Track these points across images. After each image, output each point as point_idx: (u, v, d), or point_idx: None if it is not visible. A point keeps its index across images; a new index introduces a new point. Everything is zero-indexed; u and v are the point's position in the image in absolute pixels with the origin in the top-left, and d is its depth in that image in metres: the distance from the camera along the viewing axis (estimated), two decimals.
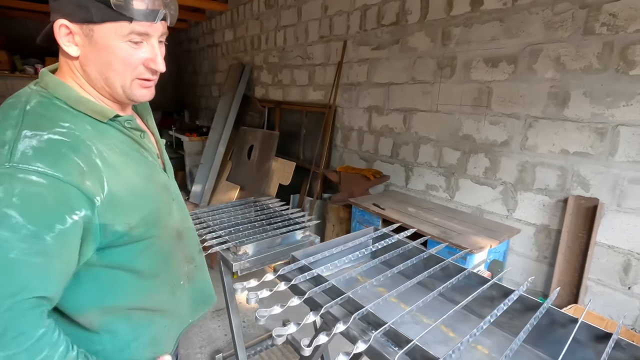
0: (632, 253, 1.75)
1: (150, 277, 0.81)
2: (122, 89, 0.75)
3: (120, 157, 0.73)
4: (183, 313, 0.94)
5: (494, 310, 0.90)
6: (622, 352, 0.82)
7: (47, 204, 0.60)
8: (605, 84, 1.75)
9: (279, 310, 0.86)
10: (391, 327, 0.83)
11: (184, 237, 0.91)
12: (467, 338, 0.79)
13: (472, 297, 0.96)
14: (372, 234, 1.38)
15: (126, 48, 0.70)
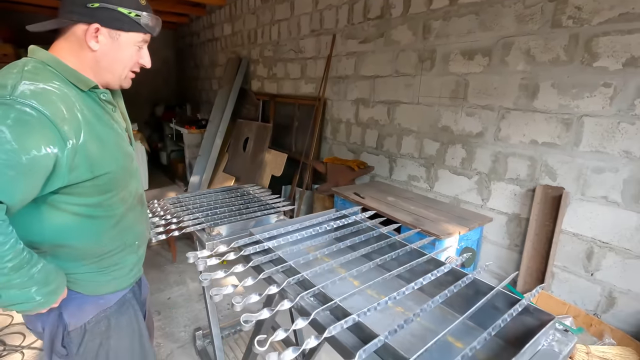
0: (595, 240, 1.81)
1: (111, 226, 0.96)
2: (119, 77, 0.97)
3: (95, 120, 0.90)
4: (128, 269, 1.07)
5: (420, 279, 0.98)
6: (530, 316, 0.89)
7: (32, 131, 0.75)
8: (572, 76, 1.79)
9: (222, 274, 0.96)
10: (320, 290, 0.92)
11: (145, 205, 1.04)
12: (386, 300, 0.88)
13: (405, 268, 1.04)
14: (332, 214, 1.46)
15: (133, 50, 0.96)
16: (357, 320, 0.80)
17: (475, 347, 0.75)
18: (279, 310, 0.83)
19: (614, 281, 1.76)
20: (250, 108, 4.78)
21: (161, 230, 1.63)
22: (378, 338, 0.73)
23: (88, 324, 0.97)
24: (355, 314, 0.81)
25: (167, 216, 1.80)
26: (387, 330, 0.76)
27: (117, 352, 1.02)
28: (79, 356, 0.97)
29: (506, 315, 0.83)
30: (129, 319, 1.06)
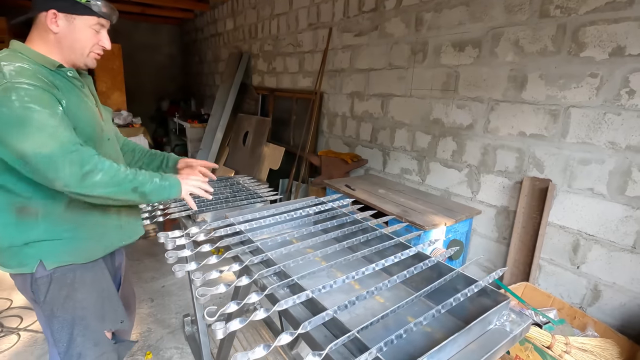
0: (581, 233, 1.79)
1: None
2: (82, 56, 1.10)
3: (68, 92, 1.04)
4: (112, 231, 1.16)
5: (382, 260, 0.99)
6: (487, 297, 0.90)
7: (45, 98, 0.93)
8: (559, 66, 1.77)
9: (189, 252, 0.99)
10: (281, 269, 0.94)
11: None
12: (343, 278, 0.89)
13: (371, 250, 1.06)
14: (310, 201, 1.48)
15: (91, 32, 1.08)
16: (310, 297, 0.82)
17: (421, 322, 0.76)
18: (238, 286, 0.85)
19: (600, 274, 1.75)
20: (251, 102, 4.81)
21: (146, 216, 1.67)
22: (326, 312, 0.75)
23: (54, 273, 1.06)
24: (309, 290, 0.83)
25: (155, 203, 1.84)
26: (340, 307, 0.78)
27: (83, 305, 1.11)
28: (47, 303, 1.07)
29: (459, 295, 0.85)
30: (95, 276, 1.14)
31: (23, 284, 1.08)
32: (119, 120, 5.01)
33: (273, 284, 0.92)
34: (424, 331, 0.93)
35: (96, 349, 1.12)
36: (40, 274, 1.05)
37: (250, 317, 0.72)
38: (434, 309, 0.79)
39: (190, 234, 1.12)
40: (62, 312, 1.08)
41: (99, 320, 1.15)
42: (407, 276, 0.94)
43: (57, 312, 1.08)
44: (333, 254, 1.17)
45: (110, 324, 1.18)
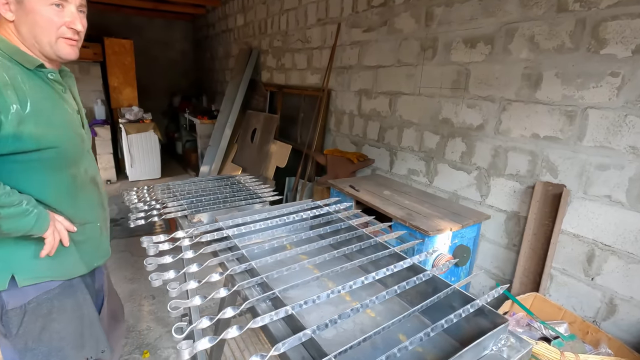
0: (596, 243, 1.68)
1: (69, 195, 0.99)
2: (49, 45, 0.94)
3: (43, 97, 0.92)
4: (95, 248, 1.09)
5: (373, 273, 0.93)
6: (485, 318, 0.83)
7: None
8: (577, 64, 1.66)
9: (169, 260, 0.94)
10: (264, 280, 0.88)
11: (100, 187, 1.05)
12: (328, 293, 0.83)
13: (362, 261, 0.99)
14: (305, 205, 1.42)
15: (49, 10, 0.91)
16: (290, 312, 0.76)
17: (406, 346, 0.69)
18: (214, 298, 0.80)
19: (616, 287, 1.64)
20: (260, 99, 4.78)
21: (142, 215, 1.64)
22: (303, 332, 0.70)
23: (28, 304, 0.96)
24: (289, 306, 0.77)
25: (152, 202, 1.82)
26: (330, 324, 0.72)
27: (61, 335, 1.01)
28: (19, 337, 0.96)
29: (452, 316, 0.78)
30: (75, 303, 1.05)
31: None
32: (130, 116, 5.06)
33: (256, 295, 0.87)
34: (415, 351, 0.86)
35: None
36: (12, 305, 0.94)
37: (221, 336, 0.67)
38: (422, 332, 0.72)
39: (175, 239, 1.08)
40: (37, 345, 0.99)
41: (78, 349, 1.05)
42: (398, 291, 0.87)
43: (32, 345, 0.98)
44: (326, 262, 1.11)
45: (91, 352, 1.08)
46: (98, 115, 5.10)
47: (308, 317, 0.96)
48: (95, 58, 5.07)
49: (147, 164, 5.23)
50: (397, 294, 0.90)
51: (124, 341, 2.06)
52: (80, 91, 4.45)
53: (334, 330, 0.92)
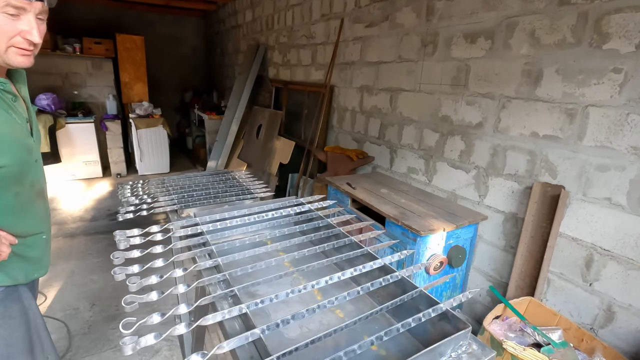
0: (595, 247, 1.61)
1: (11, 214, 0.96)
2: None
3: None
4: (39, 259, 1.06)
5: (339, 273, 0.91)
6: (449, 323, 0.80)
7: None
8: (578, 60, 1.58)
9: (137, 254, 0.95)
10: (226, 277, 0.88)
11: (46, 199, 1.06)
12: (287, 292, 0.82)
13: (340, 257, 0.97)
14: (287, 202, 1.41)
15: (1, 19, 0.82)
16: (244, 311, 0.75)
17: (354, 350, 0.67)
18: (172, 294, 0.80)
19: (614, 294, 1.56)
20: (266, 95, 4.78)
21: (132, 209, 1.66)
22: (251, 331, 0.68)
23: None
24: (245, 304, 0.76)
25: (144, 196, 1.84)
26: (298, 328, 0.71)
27: (8, 342, 0.98)
28: None
29: (410, 320, 0.75)
30: (22, 308, 1.03)
31: None
32: (140, 111, 5.15)
33: (219, 291, 0.86)
34: (379, 354, 0.84)
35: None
36: None
37: (167, 332, 0.66)
38: (374, 335, 0.70)
39: (148, 234, 1.08)
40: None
41: (27, 354, 1.03)
42: (361, 292, 0.85)
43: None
44: (302, 259, 1.10)
45: (38, 357, 1.06)
46: (110, 110, 5.21)
47: (275, 314, 0.96)
48: (107, 54, 5.17)
49: (156, 159, 5.32)
50: (360, 294, 0.88)
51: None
52: (93, 86, 4.53)
53: (298, 329, 0.91)
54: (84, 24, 6.08)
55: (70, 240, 3.32)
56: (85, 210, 3.98)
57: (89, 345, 2.08)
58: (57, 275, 2.74)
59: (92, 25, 6.05)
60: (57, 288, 2.59)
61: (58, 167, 4.69)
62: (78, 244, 3.25)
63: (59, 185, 4.71)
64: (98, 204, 4.17)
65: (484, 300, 2.16)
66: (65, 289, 2.60)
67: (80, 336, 2.15)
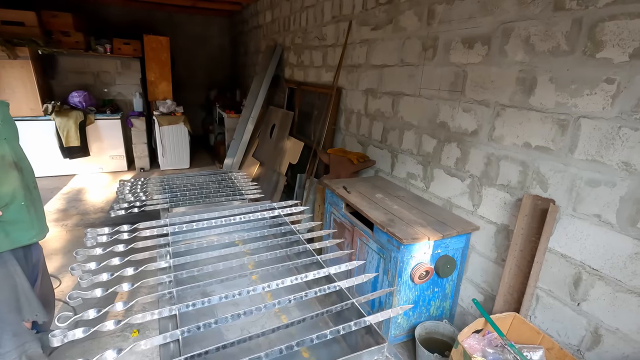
0: (584, 265, 1.53)
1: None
2: None
3: None
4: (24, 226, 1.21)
5: (278, 281, 0.94)
6: (372, 337, 0.81)
7: None
8: (572, 69, 1.51)
9: (99, 252, 1.02)
10: (172, 278, 0.93)
11: (24, 170, 1.21)
12: (221, 296, 0.86)
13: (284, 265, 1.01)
14: (260, 206, 1.45)
15: None
16: (173, 312, 0.80)
17: (260, 357, 0.71)
18: (115, 291, 0.86)
19: (602, 316, 1.48)
20: (281, 95, 4.86)
21: (125, 206, 1.77)
22: (171, 332, 0.73)
23: None
24: (175, 306, 0.82)
25: (140, 194, 1.95)
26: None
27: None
28: None
29: (327, 332, 0.77)
30: (6, 272, 1.19)
31: None
32: (163, 109, 5.39)
33: (162, 292, 0.92)
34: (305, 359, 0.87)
35: (15, 339, 1.19)
36: None
37: (95, 327, 0.72)
38: (282, 345, 0.73)
39: (119, 232, 1.16)
40: None
41: (16, 312, 1.20)
42: (292, 302, 0.87)
43: None
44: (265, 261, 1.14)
45: (27, 315, 1.24)
46: (136, 107, 5.50)
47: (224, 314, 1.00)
48: (135, 54, 5.45)
49: (177, 155, 5.55)
50: (292, 302, 0.90)
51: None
52: (122, 85, 4.82)
53: (239, 331, 0.95)
54: (117, 25, 6.44)
55: None
56: (107, 202, 4.24)
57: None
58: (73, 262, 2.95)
59: (124, 26, 6.39)
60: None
61: (87, 160, 5.03)
62: None
63: (88, 177, 5.04)
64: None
65: (476, 312, 2.10)
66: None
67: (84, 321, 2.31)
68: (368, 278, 0.98)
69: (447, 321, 2.05)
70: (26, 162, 1.30)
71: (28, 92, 4.45)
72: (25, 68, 4.39)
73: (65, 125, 4.63)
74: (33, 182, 1.33)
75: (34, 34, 4.61)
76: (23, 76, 4.39)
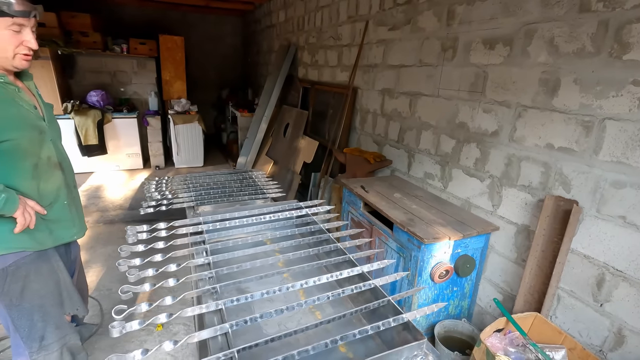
0: (607, 266, 1.54)
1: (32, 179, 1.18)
2: (7, 60, 1.14)
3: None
4: (66, 224, 1.29)
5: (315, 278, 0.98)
6: (409, 333, 0.84)
7: None
8: (597, 70, 1.51)
9: (142, 248, 1.07)
10: (213, 275, 0.97)
11: (66, 171, 1.29)
12: (262, 292, 0.90)
13: (312, 265, 1.04)
14: (288, 205, 1.49)
15: (8, 33, 1.10)
16: (220, 307, 0.84)
17: (336, 340, 0.74)
18: (163, 287, 0.91)
19: (625, 317, 1.49)
20: (295, 94, 4.89)
21: (153, 204, 1.82)
22: (220, 325, 0.77)
23: (9, 267, 1.18)
24: (222, 301, 0.86)
25: (167, 192, 2.01)
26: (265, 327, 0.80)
27: (40, 294, 1.23)
28: (4, 294, 1.20)
29: (369, 327, 0.80)
30: (51, 268, 1.26)
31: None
32: (178, 108, 5.46)
33: (207, 286, 0.96)
34: (345, 356, 0.90)
35: (58, 332, 1.26)
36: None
37: (149, 321, 0.77)
38: (327, 340, 0.76)
39: (156, 230, 1.21)
40: (20, 302, 1.20)
41: (58, 306, 1.27)
42: (330, 298, 0.91)
43: (15, 302, 1.20)
44: (294, 260, 1.18)
45: (68, 309, 1.30)
46: (151, 106, 5.59)
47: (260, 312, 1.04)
48: (150, 54, 5.54)
49: (191, 153, 5.63)
50: (330, 299, 0.94)
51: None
52: (137, 84, 4.95)
53: (276, 326, 0.99)
54: (132, 26, 6.54)
55: (110, 227, 3.65)
56: (125, 199, 4.33)
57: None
58: (96, 258, 3.03)
59: (138, 27, 6.49)
60: (95, 269, 2.88)
61: (105, 158, 5.13)
62: (116, 231, 3.56)
63: (105, 175, 5.14)
64: (137, 194, 4.51)
65: (495, 312, 2.12)
66: (102, 270, 2.88)
67: (110, 315, 2.39)
68: (400, 276, 1.01)
69: (465, 320, 2.07)
70: (67, 162, 1.35)
71: (49, 92, 4.55)
72: (46, 68, 4.50)
73: (84, 124, 4.73)
74: (73, 181, 1.39)
75: (54, 35, 4.71)
76: (44, 76, 4.49)
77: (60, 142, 1.35)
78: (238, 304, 0.91)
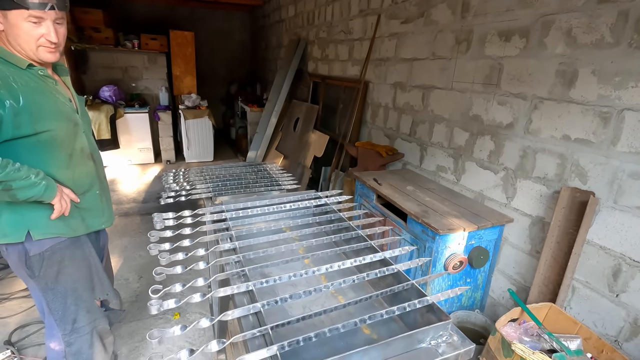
0: (624, 257, 1.55)
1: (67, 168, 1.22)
2: (31, 52, 1.15)
3: (34, 90, 1.14)
4: (97, 213, 1.34)
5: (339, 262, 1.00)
6: (434, 315, 0.87)
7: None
8: (616, 61, 1.51)
9: (170, 234, 1.11)
10: (240, 259, 1.01)
11: (97, 162, 1.34)
12: (290, 275, 0.93)
13: (334, 250, 1.07)
14: (306, 195, 1.52)
15: (29, 25, 1.11)
16: (250, 288, 0.88)
17: (325, 333, 0.77)
18: (193, 269, 0.94)
19: None
20: (305, 89, 4.91)
21: (173, 194, 1.86)
22: (253, 305, 0.80)
23: (45, 252, 1.23)
24: (252, 282, 0.89)
25: (185, 183, 2.05)
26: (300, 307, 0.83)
27: (74, 278, 1.29)
28: (40, 278, 1.25)
29: (395, 308, 0.83)
30: (84, 254, 1.32)
31: (19, 260, 1.23)
32: (188, 103, 5.51)
33: (232, 272, 1.00)
34: (370, 337, 0.93)
35: (89, 315, 1.32)
36: (33, 252, 1.21)
37: (184, 300, 0.80)
38: (356, 318, 0.79)
39: (180, 217, 1.24)
40: (55, 285, 1.26)
41: (90, 291, 1.33)
42: (356, 281, 0.94)
43: (51, 285, 1.26)
44: (314, 247, 1.21)
45: (99, 294, 1.36)
46: (162, 101, 5.64)
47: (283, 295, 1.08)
48: (161, 49, 5.58)
49: (202, 148, 5.68)
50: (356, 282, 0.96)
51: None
52: (148, 79, 5.02)
53: (301, 309, 1.02)
54: (143, 22, 6.59)
55: (125, 219, 3.72)
56: (138, 192, 4.40)
57: (135, 311, 2.37)
58: (112, 249, 3.10)
59: (149, 22, 6.54)
60: (112, 260, 2.94)
61: (117, 152, 5.20)
62: (131, 223, 3.63)
63: (118, 169, 5.22)
64: (149, 187, 4.58)
65: (507, 303, 2.13)
66: (119, 261, 2.94)
67: (129, 303, 2.44)
68: (423, 262, 1.04)
69: (478, 311, 2.09)
70: (98, 154, 1.40)
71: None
72: None
73: (97, 119, 4.80)
74: (103, 172, 1.44)
75: (67, 30, 4.77)
76: None
77: (91, 134, 1.39)
78: (262, 286, 0.94)
